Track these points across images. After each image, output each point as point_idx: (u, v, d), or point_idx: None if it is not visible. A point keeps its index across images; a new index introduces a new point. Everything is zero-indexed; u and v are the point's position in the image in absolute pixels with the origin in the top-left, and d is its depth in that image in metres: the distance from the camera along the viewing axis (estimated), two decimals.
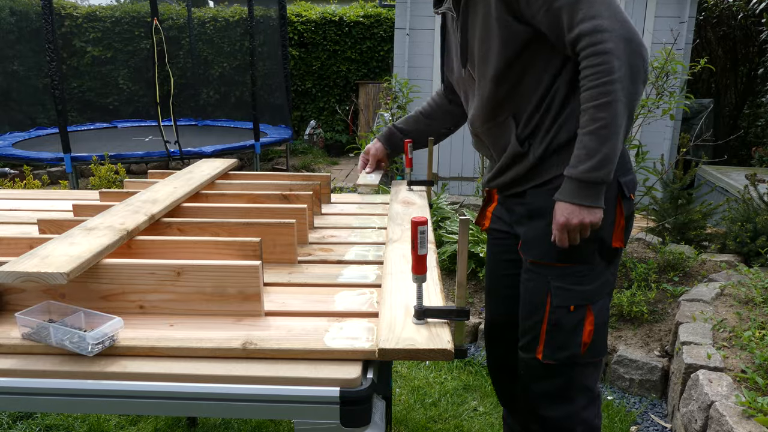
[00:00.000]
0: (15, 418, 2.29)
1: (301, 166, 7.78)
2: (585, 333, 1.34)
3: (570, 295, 1.33)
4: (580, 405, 1.40)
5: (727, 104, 7.15)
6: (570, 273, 1.33)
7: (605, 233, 1.31)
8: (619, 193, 1.32)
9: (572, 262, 1.32)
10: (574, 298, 1.33)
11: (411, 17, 6.12)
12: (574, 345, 1.35)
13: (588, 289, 1.33)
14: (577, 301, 1.33)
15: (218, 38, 8.84)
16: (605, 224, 1.29)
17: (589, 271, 1.33)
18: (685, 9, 5.63)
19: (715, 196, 4.75)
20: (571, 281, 1.32)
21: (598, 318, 1.34)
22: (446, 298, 1.10)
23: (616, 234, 1.33)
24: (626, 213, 1.33)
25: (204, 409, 0.87)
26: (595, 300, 1.34)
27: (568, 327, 1.34)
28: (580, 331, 1.34)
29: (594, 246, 1.31)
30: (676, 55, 3.14)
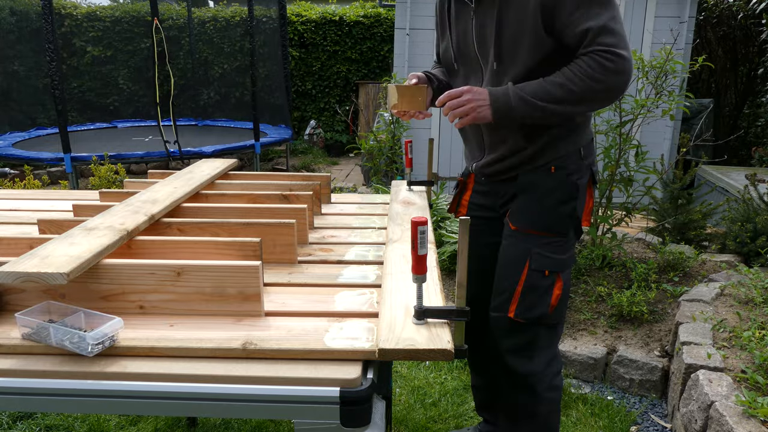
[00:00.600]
0: (15, 418, 2.29)
1: (301, 166, 7.78)
2: (553, 296, 1.53)
3: (547, 261, 1.52)
4: (542, 361, 1.59)
5: (727, 104, 7.15)
6: (550, 242, 1.52)
7: (579, 212, 1.54)
8: (590, 179, 1.56)
9: (554, 232, 1.53)
10: (550, 264, 1.52)
11: (411, 17, 6.12)
12: (543, 305, 1.54)
13: (561, 258, 1.53)
14: (552, 267, 1.53)
15: (218, 38, 8.84)
16: (579, 204, 1.53)
17: (564, 243, 1.54)
18: (685, 9, 5.62)
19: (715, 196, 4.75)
20: (549, 249, 1.52)
21: (565, 285, 1.55)
22: (446, 298, 1.10)
23: (585, 214, 1.57)
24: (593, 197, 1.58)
25: (204, 409, 0.87)
26: (564, 269, 1.55)
27: (541, 289, 1.53)
28: (550, 294, 1.53)
29: (572, 222, 1.54)
30: (675, 55, 3.14)
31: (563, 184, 1.52)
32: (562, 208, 1.52)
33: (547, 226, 1.53)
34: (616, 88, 1.39)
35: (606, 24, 1.36)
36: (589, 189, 1.56)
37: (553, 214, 1.53)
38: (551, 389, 1.63)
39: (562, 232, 1.53)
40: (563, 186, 1.52)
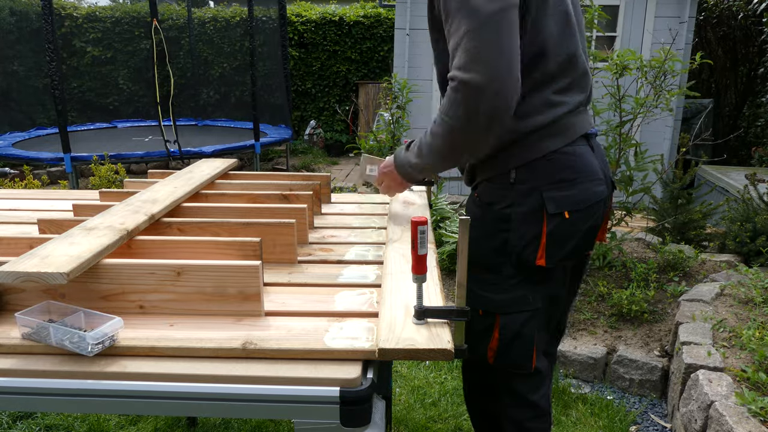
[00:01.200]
0: (15, 418, 2.29)
1: (301, 166, 7.78)
2: (492, 340, 1.32)
3: (479, 299, 1.29)
4: (506, 403, 1.40)
5: (727, 104, 7.15)
6: (479, 279, 1.28)
7: (520, 248, 1.26)
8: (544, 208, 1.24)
9: (481, 268, 1.29)
10: (483, 303, 1.31)
11: (411, 17, 6.12)
12: (482, 348, 1.34)
13: (496, 298, 1.30)
14: (485, 306, 1.31)
15: (218, 38, 8.84)
16: (518, 238, 1.25)
17: (499, 281, 1.29)
18: (685, 9, 5.63)
19: (715, 195, 4.75)
20: (481, 287, 1.30)
21: (506, 329, 1.30)
22: (446, 298, 1.10)
23: (539, 252, 1.25)
24: (552, 230, 1.24)
25: (204, 409, 0.87)
26: (505, 311, 1.30)
27: (476, 330, 1.32)
28: (487, 336, 1.32)
29: (503, 257, 1.28)
30: (675, 55, 3.14)
31: (486, 214, 1.30)
32: (485, 242, 1.29)
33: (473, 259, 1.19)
34: (459, 125, 1.14)
35: (460, 41, 1.11)
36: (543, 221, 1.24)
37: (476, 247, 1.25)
38: None
39: (492, 269, 1.29)
40: (486, 216, 1.30)
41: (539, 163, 1.24)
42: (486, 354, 1.34)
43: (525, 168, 1.24)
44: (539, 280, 1.30)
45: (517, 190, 1.25)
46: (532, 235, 1.25)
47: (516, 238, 1.26)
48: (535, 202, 1.24)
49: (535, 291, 1.30)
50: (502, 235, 1.27)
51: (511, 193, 1.25)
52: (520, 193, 1.25)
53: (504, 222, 1.26)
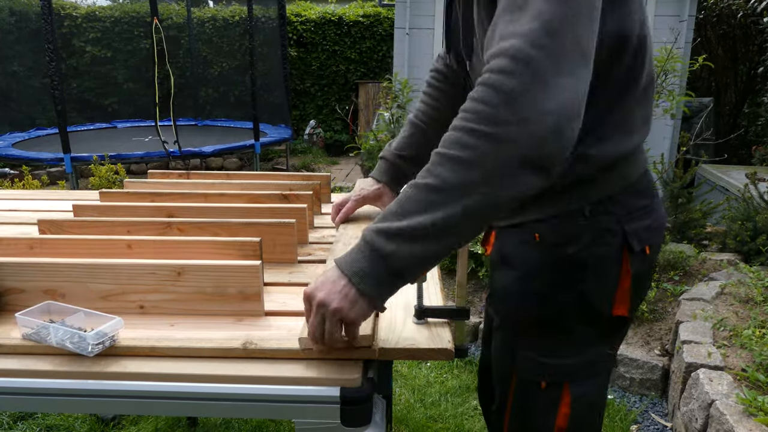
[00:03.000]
0: (16, 419, 2.29)
1: (301, 165, 7.78)
2: (559, 416, 1.05)
3: (541, 368, 1.03)
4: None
5: (728, 103, 7.15)
6: (542, 343, 1.02)
7: (597, 297, 0.98)
8: (625, 245, 0.96)
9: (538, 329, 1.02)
10: (544, 372, 1.03)
11: (411, 17, 6.12)
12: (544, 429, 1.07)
13: (566, 363, 1.02)
14: (550, 377, 1.03)
15: (218, 38, 8.84)
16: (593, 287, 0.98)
17: (569, 343, 1.02)
18: (684, 8, 5.62)
19: (716, 194, 4.75)
20: (544, 352, 1.02)
21: (578, 401, 1.03)
22: (446, 297, 1.10)
23: (619, 299, 0.99)
24: (635, 271, 0.98)
25: (204, 409, 0.87)
26: (576, 379, 1.03)
27: (536, 407, 1.06)
28: (552, 413, 1.05)
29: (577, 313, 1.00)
30: (675, 53, 3.14)
31: (552, 259, 0.98)
32: (554, 297, 0.99)
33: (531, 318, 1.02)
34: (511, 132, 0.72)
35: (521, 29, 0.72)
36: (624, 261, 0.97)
37: (536, 306, 1.01)
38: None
39: (561, 329, 1.01)
40: (552, 261, 0.98)
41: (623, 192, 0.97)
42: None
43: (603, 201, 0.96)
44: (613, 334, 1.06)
45: (594, 228, 0.96)
46: (610, 281, 0.98)
47: (600, 286, 0.98)
48: (616, 240, 0.96)
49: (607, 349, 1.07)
50: (576, 287, 0.98)
51: (587, 231, 0.96)
52: (597, 230, 0.96)
53: (579, 270, 0.97)
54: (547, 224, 0.99)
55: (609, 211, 0.96)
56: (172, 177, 1.88)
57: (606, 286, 0.99)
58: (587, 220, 0.96)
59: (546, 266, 1.00)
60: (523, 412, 1.08)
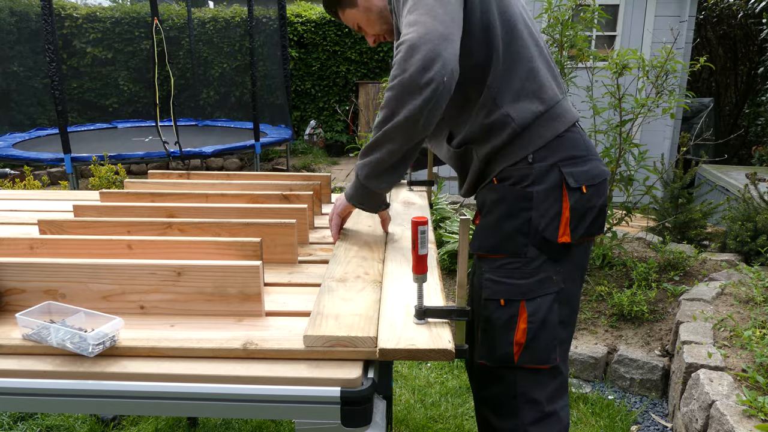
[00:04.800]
0: (16, 419, 2.29)
1: (301, 166, 7.79)
2: (518, 331, 1.25)
3: (500, 287, 1.26)
4: (525, 420, 1.28)
5: (728, 103, 7.15)
6: (501, 265, 1.27)
7: (542, 226, 1.24)
8: (564, 183, 1.25)
9: (501, 253, 1.27)
10: (504, 291, 1.26)
11: None
12: (505, 344, 1.26)
13: (521, 283, 1.25)
14: (507, 294, 1.26)
15: (218, 38, 8.85)
16: (541, 216, 1.24)
17: (522, 265, 1.25)
18: (685, 8, 5.63)
19: (716, 195, 4.75)
20: (501, 273, 1.26)
21: (534, 316, 1.25)
22: (446, 297, 1.10)
23: (561, 228, 1.25)
24: (573, 205, 1.25)
25: (205, 409, 0.87)
26: (530, 296, 1.25)
27: (498, 323, 1.27)
28: (512, 328, 1.25)
29: (526, 238, 1.25)
30: (675, 54, 3.14)
31: (507, 194, 1.27)
32: (508, 223, 1.26)
33: (492, 245, 1.28)
34: (404, 80, 1.12)
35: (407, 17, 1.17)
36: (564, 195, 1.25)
37: (497, 231, 1.27)
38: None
39: (516, 252, 1.26)
40: (506, 197, 1.27)
41: (554, 142, 1.26)
42: (509, 352, 1.26)
43: (542, 148, 1.25)
44: (561, 259, 1.28)
45: (537, 169, 1.25)
46: (555, 212, 1.24)
47: (539, 216, 1.24)
48: (555, 178, 1.25)
49: (557, 272, 1.27)
50: (524, 215, 1.25)
51: (532, 171, 1.25)
52: (539, 171, 1.25)
53: (526, 200, 1.24)
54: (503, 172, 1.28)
55: (546, 157, 1.25)
56: (173, 177, 1.88)
57: (549, 213, 1.25)
58: (531, 165, 1.25)
59: (500, 201, 1.28)
60: (487, 328, 1.30)
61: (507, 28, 1.25)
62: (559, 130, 1.27)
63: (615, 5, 5.82)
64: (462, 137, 1.33)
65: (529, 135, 1.26)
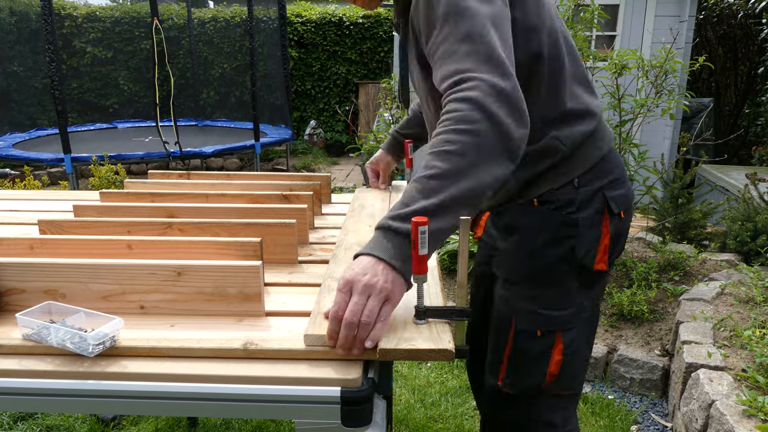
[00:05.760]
0: (16, 419, 2.29)
1: (301, 166, 7.79)
2: (552, 363, 1.21)
3: (537, 318, 1.20)
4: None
5: (728, 103, 7.15)
6: (538, 294, 1.20)
7: (584, 253, 1.19)
8: (606, 209, 1.19)
9: (540, 281, 1.21)
10: (542, 322, 1.20)
11: None
12: (538, 374, 1.22)
13: (559, 314, 1.20)
14: (545, 326, 1.20)
15: (218, 39, 8.85)
16: (585, 243, 1.18)
17: (561, 294, 1.21)
18: (685, 8, 5.63)
19: (716, 195, 4.75)
20: (539, 304, 1.20)
21: (568, 348, 1.21)
22: (446, 297, 1.10)
23: (599, 255, 1.20)
24: (613, 232, 1.21)
25: (205, 409, 0.87)
26: (566, 327, 1.21)
27: (532, 354, 1.22)
28: (546, 359, 1.21)
29: (568, 266, 1.19)
30: (675, 54, 3.14)
31: (550, 220, 1.19)
32: (550, 251, 1.19)
33: (531, 274, 1.21)
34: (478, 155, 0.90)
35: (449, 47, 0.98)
36: (604, 221, 1.19)
37: (537, 259, 1.20)
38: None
39: (557, 281, 1.20)
40: (550, 222, 1.19)
41: (598, 164, 1.20)
42: (539, 382, 1.22)
43: (587, 171, 1.19)
44: (594, 285, 1.24)
45: (582, 194, 1.18)
46: (595, 239, 1.19)
47: (585, 242, 1.18)
48: (599, 203, 1.19)
49: (589, 298, 1.24)
50: (568, 243, 1.18)
51: (577, 197, 1.18)
52: (585, 196, 1.18)
53: (571, 227, 1.17)
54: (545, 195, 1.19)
55: (592, 181, 1.19)
56: (173, 177, 1.88)
57: (590, 242, 1.19)
58: (577, 189, 1.18)
59: (542, 227, 1.20)
60: (520, 361, 1.23)
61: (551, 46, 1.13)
62: (603, 151, 1.21)
63: (615, 5, 5.82)
64: None
65: (577, 157, 1.19)
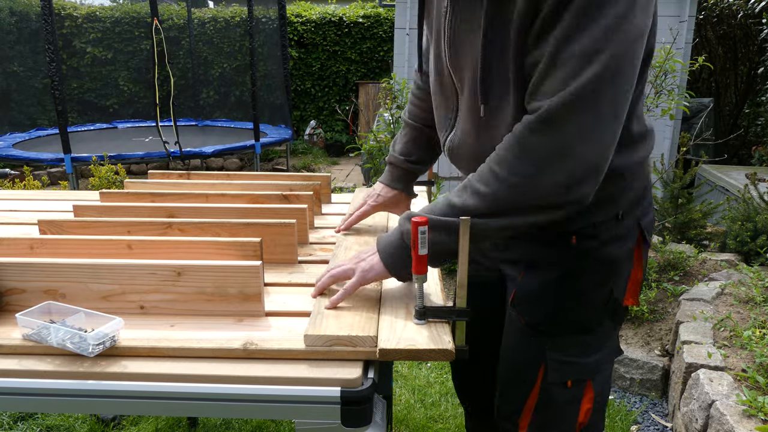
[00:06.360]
0: (16, 419, 2.29)
1: (301, 166, 7.78)
2: (582, 412, 1.09)
3: (568, 369, 1.06)
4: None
5: (728, 103, 7.15)
6: (573, 343, 1.06)
7: (619, 294, 1.05)
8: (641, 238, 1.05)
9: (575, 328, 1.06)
10: (573, 372, 1.07)
11: (411, 17, 6.11)
12: (567, 425, 1.10)
13: (591, 360, 1.07)
14: (576, 375, 1.07)
15: (218, 39, 8.85)
16: (618, 283, 1.05)
17: (595, 339, 1.07)
18: (684, 8, 5.63)
19: (716, 195, 4.75)
20: (573, 353, 1.06)
21: (599, 395, 1.09)
22: (446, 297, 1.10)
23: (630, 290, 1.07)
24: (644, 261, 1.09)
25: (205, 409, 0.87)
26: (597, 373, 1.08)
27: (561, 405, 1.09)
28: (576, 410, 1.09)
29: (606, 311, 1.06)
30: (675, 54, 3.14)
31: (593, 258, 1.03)
32: (591, 296, 1.04)
33: (568, 321, 1.06)
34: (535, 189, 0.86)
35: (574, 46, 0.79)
36: (636, 254, 1.06)
37: (576, 306, 1.05)
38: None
39: (593, 327, 1.06)
40: (593, 261, 1.03)
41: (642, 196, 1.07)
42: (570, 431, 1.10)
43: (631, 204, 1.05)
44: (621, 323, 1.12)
45: (626, 227, 1.04)
46: (627, 274, 1.06)
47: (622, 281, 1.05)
48: (636, 235, 1.06)
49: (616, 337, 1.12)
50: (607, 285, 1.04)
51: (622, 231, 1.04)
52: (627, 228, 1.04)
53: (614, 266, 1.04)
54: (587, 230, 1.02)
55: (633, 210, 1.05)
56: (173, 177, 1.88)
57: (624, 279, 1.06)
58: (621, 222, 1.03)
59: (583, 267, 1.04)
60: (547, 413, 1.10)
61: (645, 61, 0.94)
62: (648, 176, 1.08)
63: None
64: None
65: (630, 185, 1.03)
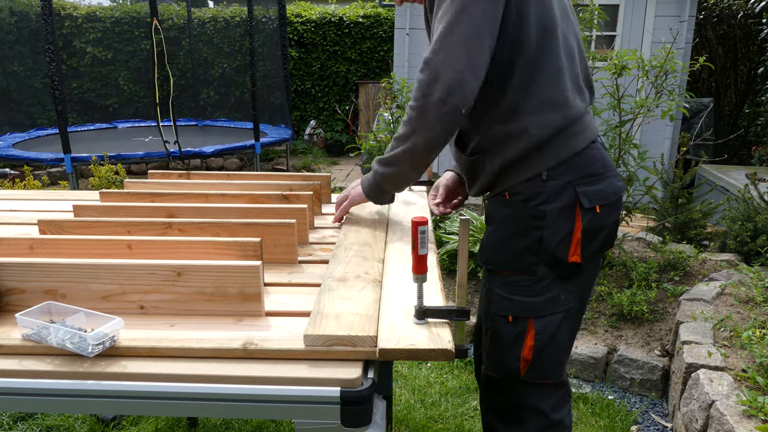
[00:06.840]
0: (16, 419, 2.29)
1: (301, 166, 7.78)
2: (525, 348, 1.25)
3: (508, 304, 1.26)
4: (530, 429, 1.30)
5: (728, 103, 7.15)
6: (511, 282, 1.26)
7: (554, 245, 1.22)
8: (577, 203, 1.22)
9: (512, 270, 1.26)
10: (513, 308, 1.26)
11: (411, 17, 6.12)
12: (511, 359, 1.27)
13: (530, 301, 1.25)
14: (516, 311, 1.26)
15: (218, 38, 8.85)
16: (554, 235, 1.22)
17: (532, 283, 1.24)
18: (684, 8, 5.63)
19: (716, 195, 4.75)
20: (511, 290, 1.26)
21: (542, 334, 1.25)
22: (446, 297, 1.10)
23: (572, 248, 1.23)
24: (586, 225, 1.23)
25: (205, 409, 0.87)
26: (539, 315, 1.25)
27: (506, 339, 1.27)
28: (519, 345, 1.26)
29: (537, 257, 1.23)
30: (675, 54, 3.14)
31: (518, 211, 1.25)
32: (519, 241, 1.24)
33: (502, 262, 1.28)
34: (425, 106, 1.18)
35: (437, 27, 1.17)
36: (577, 217, 1.22)
37: (507, 248, 1.26)
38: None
39: (526, 270, 1.24)
40: (519, 214, 1.25)
41: (570, 159, 1.23)
42: (516, 367, 1.27)
43: (557, 165, 1.22)
44: (571, 278, 1.26)
45: (551, 187, 1.22)
46: (566, 232, 1.22)
47: (550, 235, 1.22)
48: (569, 197, 1.22)
49: (566, 291, 1.27)
50: (536, 233, 1.22)
51: (545, 189, 1.22)
52: (553, 189, 1.22)
53: (539, 219, 1.22)
54: (516, 187, 1.26)
55: (561, 175, 1.22)
56: (173, 177, 1.88)
57: (561, 233, 1.22)
58: (545, 182, 1.22)
59: (511, 218, 1.27)
60: (496, 343, 1.30)
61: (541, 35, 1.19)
62: (576, 147, 1.24)
63: (615, 5, 5.82)
64: (475, 145, 1.30)
65: (546, 150, 1.23)
